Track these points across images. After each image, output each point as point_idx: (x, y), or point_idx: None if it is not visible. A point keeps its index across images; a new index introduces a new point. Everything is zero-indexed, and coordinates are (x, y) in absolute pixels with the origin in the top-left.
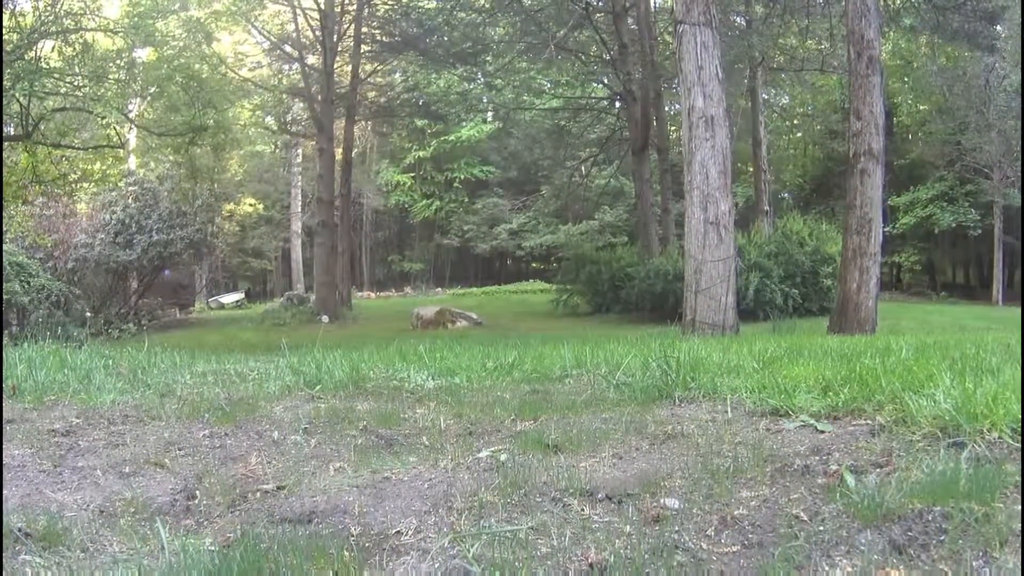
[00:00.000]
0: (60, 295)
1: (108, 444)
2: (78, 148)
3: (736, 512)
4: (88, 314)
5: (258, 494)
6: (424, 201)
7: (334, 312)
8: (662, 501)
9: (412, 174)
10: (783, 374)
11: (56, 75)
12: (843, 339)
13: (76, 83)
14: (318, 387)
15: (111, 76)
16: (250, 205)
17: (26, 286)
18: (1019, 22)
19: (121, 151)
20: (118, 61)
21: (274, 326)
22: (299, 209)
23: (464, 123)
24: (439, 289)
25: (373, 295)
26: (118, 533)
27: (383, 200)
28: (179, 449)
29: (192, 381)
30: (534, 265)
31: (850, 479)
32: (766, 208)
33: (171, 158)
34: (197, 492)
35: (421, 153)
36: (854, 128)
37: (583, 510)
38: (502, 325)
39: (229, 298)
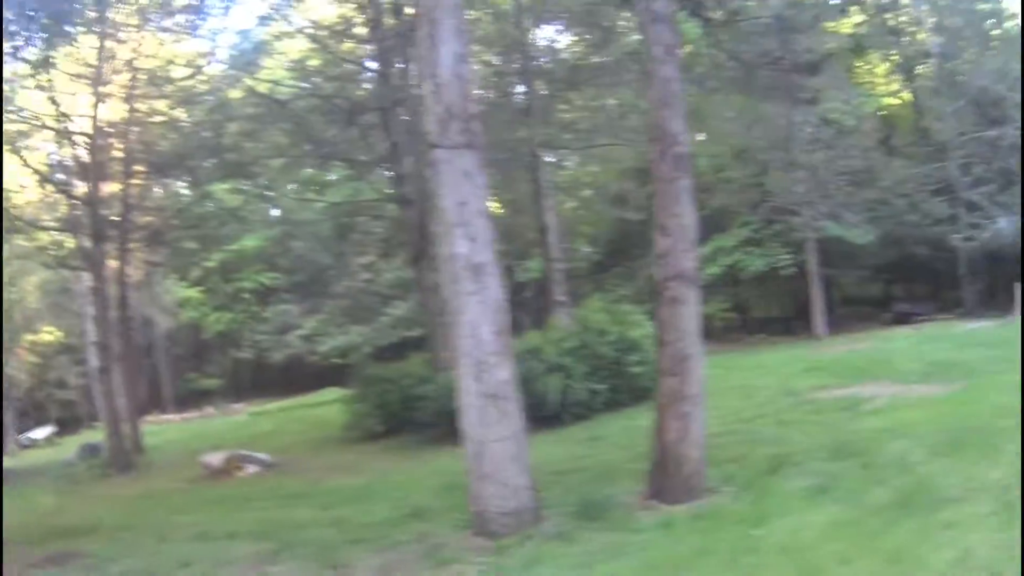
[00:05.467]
0: None
1: None
2: None
3: None
4: None
5: None
6: (216, 314)
7: (125, 462)
8: None
9: (201, 287)
10: None
11: None
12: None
13: None
14: None
15: None
16: (48, 333)
17: None
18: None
19: None
20: None
21: (70, 484)
22: (94, 336)
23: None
24: (239, 405)
25: (176, 417)
26: None
27: (174, 318)
28: None
29: None
30: (333, 363)
31: None
32: (561, 298)
33: None
34: None
35: (208, 264)
36: (660, 247)
37: None
38: (295, 466)
39: (40, 433)
